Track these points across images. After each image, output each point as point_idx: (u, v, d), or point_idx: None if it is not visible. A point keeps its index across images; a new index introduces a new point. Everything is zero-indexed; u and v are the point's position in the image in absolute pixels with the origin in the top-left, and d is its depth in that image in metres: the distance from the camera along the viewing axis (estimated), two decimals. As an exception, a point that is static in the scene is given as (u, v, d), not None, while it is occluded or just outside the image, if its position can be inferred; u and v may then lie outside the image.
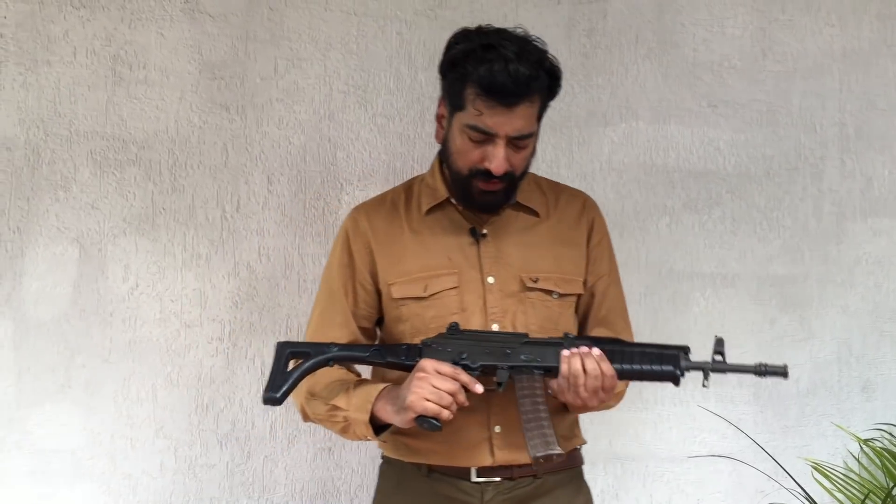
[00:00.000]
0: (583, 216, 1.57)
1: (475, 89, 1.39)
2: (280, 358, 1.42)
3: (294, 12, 1.96)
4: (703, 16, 2.12)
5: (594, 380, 1.36)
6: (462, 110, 1.42)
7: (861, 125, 2.17)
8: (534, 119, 1.44)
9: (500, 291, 1.48)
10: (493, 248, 1.50)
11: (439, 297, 1.47)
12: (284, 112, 1.95)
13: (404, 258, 1.50)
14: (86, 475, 1.86)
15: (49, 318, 1.86)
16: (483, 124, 1.40)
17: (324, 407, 1.47)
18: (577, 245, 1.54)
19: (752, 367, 1.39)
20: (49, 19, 1.87)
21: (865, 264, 2.17)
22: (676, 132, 2.11)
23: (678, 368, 1.38)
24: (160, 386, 1.89)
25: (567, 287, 1.51)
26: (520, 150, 1.44)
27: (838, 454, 2.13)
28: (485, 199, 1.45)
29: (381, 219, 1.53)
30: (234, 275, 1.93)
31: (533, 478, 1.48)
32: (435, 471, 1.47)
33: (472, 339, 1.41)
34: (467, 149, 1.42)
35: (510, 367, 1.39)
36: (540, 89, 1.42)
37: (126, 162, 1.89)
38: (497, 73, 1.36)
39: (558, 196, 1.58)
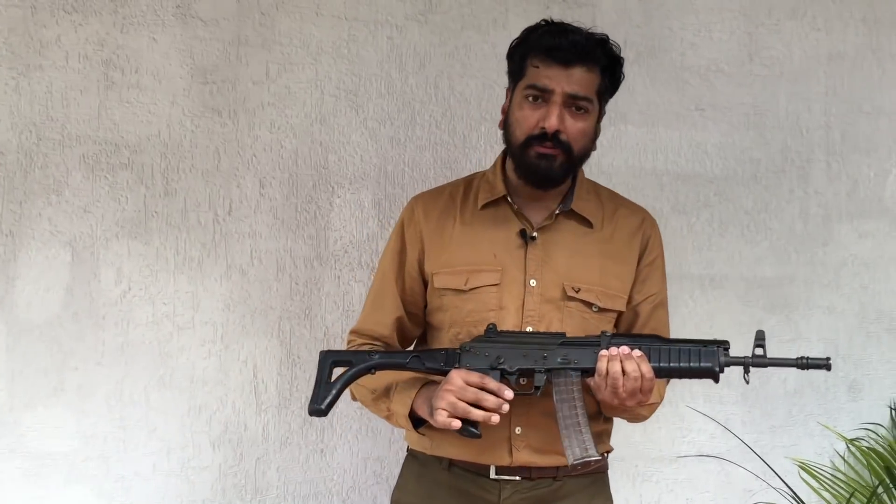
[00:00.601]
0: (638, 233, 1.55)
1: (537, 54, 1.45)
2: (324, 367, 1.45)
3: (285, 17, 1.97)
4: (691, 20, 2.14)
5: (633, 381, 1.34)
6: (523, 77, 1.47)
7: (847, 128, 2.20)
8: (592, 89, 1.46)
9: (540, 296, 1.48)
10: (541, 252, 1.50)
11: (478, 293, 1.48)
12: (276, 116, 1.97)
13: (450, 249, 1.52)
14: (79, 477, 1.87)
15: (42, 322, 1.86)
16: (539, 80, 1.43)
17: (370, 395, 1.51)
18: (626, 261, 1.53)
19: (794, 361, 1.38)
20: (41, 24, 1.88)
21: (851, 266, 2.19)
22: (665, 135, 2.13)
23: (717, 365, 1.37)
24: (153, 388, 1.90)
25: (608, 302, 1.50)
26: (577, 119, 1.45)
27: (825, 453, 2.16)
28: (542, 163, 1.44)
29: (436, 209, 1.55)
30: (227, 278, 1.94)
31: (553, 479, 1.48)
32: (455, 465, 1.49)
33: (509, 342, 1.41)
34: (525, 114, 1.45)
35: (547, 371, 1.39)
36: (598, 61, 1.46)
37: (118, 166, 1.90)
38: (556, 35, 1.45)
39: (616, 209, 1.57)
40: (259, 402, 1.94)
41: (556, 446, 1.43)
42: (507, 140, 1.51)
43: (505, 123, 1.51)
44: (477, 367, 1.40)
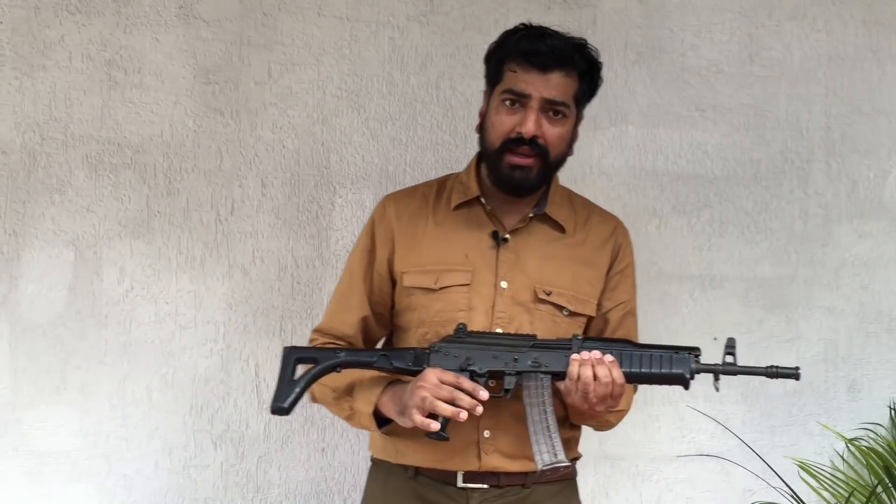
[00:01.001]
0: (610, 241, 1.55)
1: (514, 59, 1.44)
2: (287, 365, 1.42)
3: (288, 18, 1.98)
4: (692, 21, 2.15)
5: (605, 387, 1.34)
6: (500, 82, 1.46)
7: (846, 129, 2.20)
8: (569, 95, 1.45)
9: (510, 298, 1.47)
10: (513, 255, 1.49)
11: (448, 292, 1.47)
12: (278, 116, 1.97)
13: (421, 248, 1.50)
14: (81, 476, 1.88)
15: (45, 321, 1.87)
16: (516, 85, 1.43)
17: (331, 394, 1.48)
18: (597, 267, 1.52)
19: (763, 370, 1.38)
20: (45, 24, 1.89)
21: (851, 266, 2.20)
22: (665, 136, 2.13)
23: (688, 372, 1.36)
24: (155, 387, 1.91)
25: (579, 306, 1.49)
26: (554, 124, 1.44)
27: (825, 453, 2.16)
28: (516, 174, 1.44)
29: (408, 208, 1.54)
30: (229, 277, 1.95)
31: (521, 487, 1.46)
32: (421, 473, 1.46)
33: (479, 343, 1.40)
34: (501, 119, 1.44)
35: (517, 373, 1.38)
36: (576, 66, 1.45)
37: (121, 165, 1.91)
38: (535, 40, 1.44)
39: (589, 216, 1.57)
40: (261, 401, 1.95)
41: (526, 451, 1.42)
42: (482, 144, 1.50)
43: (481, 127, 1.51)
44: (446, 367, 1.38)
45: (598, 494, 2.08)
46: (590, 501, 2.07)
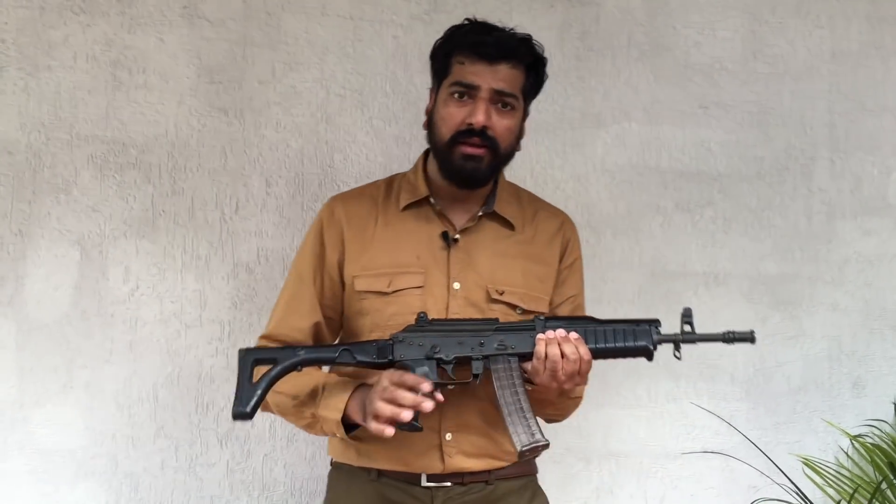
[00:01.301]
0: (558, 236, 1.56)
1: (461, 52, 1.46)
2: (245, 367, 1.37)
3: (291, 17, 1.98)
4: (695, 19, 2.15)
5: (573, 364, 1.34)
6: (448, 76, 1.47)
7: (850, 125, 2.20)
8: (517, 86, 1.46)
9: (464, 298, 1.46)
10: (464, 255, 1.49)
11: (402, 295, 1.45)
12: (282, 115, 1.98)
13: (372, 251, 1.49)
14: (88, 474, 1.89)
15: (51, 320, 1.88)
16: (465, 77, 1.44)
17: (291, 402, 1.44)
18: (547, 263, 1.53)
19: (720, 336, 1.41)
20: (50, 25, 1.89)
21: (855, 263, 2.20)
22: (669, 133, 2.13)
23: (651, 343, 1.40)
24: (161, 386, 1.92)
25: (532, 304, 1.49)
26: (503, 116, 1.45)
27: (829, 450, 2.16)
28: (467, 164, 1.44)
29: (356, 210, 1.52)
30: (234, 276, 1.95)
31: (485, 483, 1.46)
32: (384, 475, 1.46)
33: (442, 330, 1.38)
34: (451, 112, 1.44)
35: (484, 357, 1.37)
36: (522, 58, 1.46)
37: (126, 165, 1.92)
38: (481, 33, 1.46)
39: (537, 211, 1.57)
40: (266, 399, 1.95)
41: (489, 449, 1.43)
42: (431, 140, 1.50)
43: (429, 123, 1.50)
44: (411, 357, 1.36)
45: (603, 491, 2.08)
46: (594, 498, 2.08)
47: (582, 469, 2.08)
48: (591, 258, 2.08)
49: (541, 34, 2.07)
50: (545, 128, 2.08)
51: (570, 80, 2.09)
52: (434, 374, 1.36)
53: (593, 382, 2.03)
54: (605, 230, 2.10)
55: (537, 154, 2.08)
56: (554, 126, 2.09)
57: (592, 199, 2.10)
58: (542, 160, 2.08)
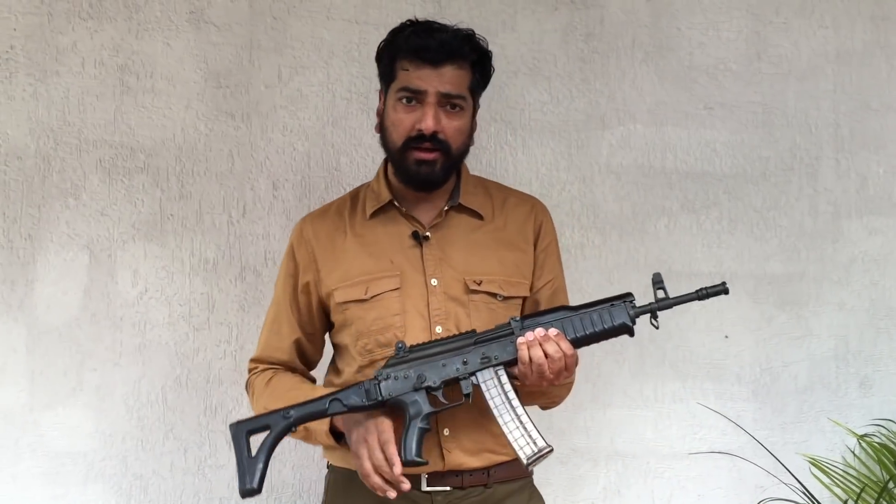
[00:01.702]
0: (530, 220, 1.56)
1: (405, 56, 1.46)
2: (240, 441, 1.38)
3: (297, 21, 2.00)
4: (699, 20, 2.15)
5: (558, 362, 1.34)
6: (394, 80, 1.47)
7: (855, 125, 2.20)
8: (464, 86, 1.47)
9: (443, 294, 1.47)
10: (437, 251, 1.50)
11: (380, 299, 1.46)
12: (288, 119, 1.99)
13: (346, 263, 1.51)
14: (98, 476, 1.90)
15: (60, 323, 1.90)
16: (411, 83, 1.44)
17: None
18: (522, 248, 1.54)
19: (694, 294, 1.42)
20: (58, 31, 1.91)
21: (861, 262, 2.20)
22: (673, 134, 2.14)
23: (629, 319, 1.39)
24: (170, 388, 1.93)
25: (512, 290, 1.50)
26: (452, 118, 1.46)
27: (836, 450, 2.16)
28: (421, 169, 1.45)
29: (324, 227, 1.55)
30: (241, 279, 1.97)
31: (483, 487, 1.46)
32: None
33: (424, 356, 1.38)
34: (400, 118, 1.45)
35: (471, 374, 1.37)
36: (466, 57, 1.47)
37: (134, 169, 1.94)
38: (423, 36, 1.45)
39: (506, 199, 1.58)
40: (274, 401, 1.96)
41: (488, 444, 1.44)
42: (384, 144, 1.51)
43: (381, 128, 1.52)
44: (400, 392, 1.37)
45: (610, 492, 2.09)
46: (601, 499, 2.09)
47: (589, 470, 2.08)
48: (596, 259, 2.10)
49: (545, 36, 2.10)
50: (550, 130, 2.09)
51: (575, 82, 2.10)
52: (426, 403, 1.38)
53: (600, 383, 2.06)
54: (611, 231, 2.11)
55: (542, 156, 2.09)
56: (559, 128, 2.09)
57: (598, 201, 2.11)
58: (548, 162, 2.09)
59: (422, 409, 1.37)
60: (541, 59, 2.09)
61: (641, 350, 2.09)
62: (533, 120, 2.08)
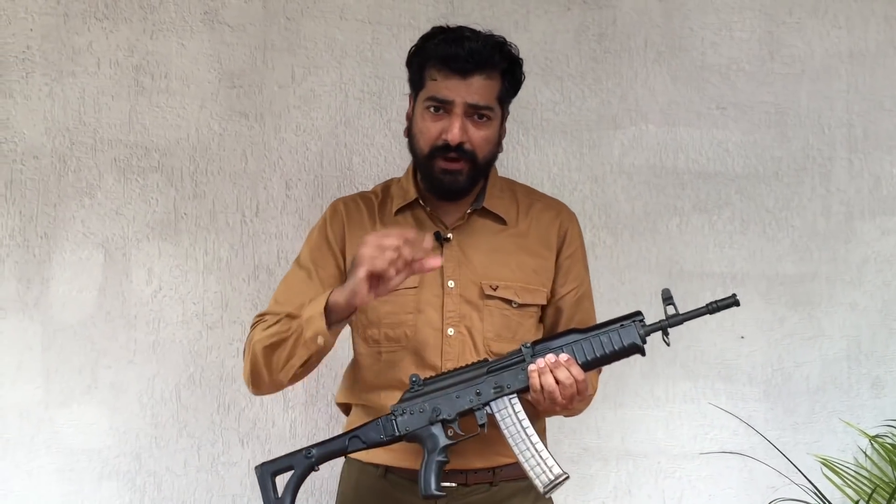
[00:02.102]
0: (554, 226, 1.56)
1: (434, 65, 1.45)
2: (266, 482, 1.39)
3: (310, 21, 2.01)
4: (711, 20, 2.15)
5: (570, 387, 1.35)
6: (423, 88, 1.47)
7: (869, 125, 2.20)
8: (492, 97, 1.46)
9: (459, 297, 1.48)
10: (457, 253, 1.50)
11: (396, 295, 1.44)
12: (301, 119, 2.00)
13: None
14: (112, 473, 1.92)
15: (76, 321, 1.91)
16: (439, 92, 1.43)
17: (276, 328, 1.40)
18: (543, 255, 1.53)
19: (705, 309, 1.41)
20: (74, 31, 1.93)
21: (874, 263, 2.19)
22: (686, 134, 2.14)
23: (640, 339, 1.39)
24: (183, 386, 1.95)
25: (528, 297, 1.50)
26: (479, 128, 1.45)
27: (849, 450, 2.15)
28: (446, 178, 1.46)
29: (357, 211, 1.55)
30: (254, 278, 1.98)
31: (489, 485, 1.47)
32: (391, 472, 1.47)
33: (438, 389, 1.39)
34: (427, 126, 1.45)
35: (484, 405, 1.38)
36: (496, 66, 1.45)
37: (149, 169, 1.95)
38: (453, 45, 1.44)
39: (532, 204, 1.58)
40: (286, 399, 1.98)
41: (493, 446, 1.43)
42: (411, 150, 1.51)
43: (409, 133, 1.52)
44: (416, 426, 1.38)
45: (621, 492, 2.09)
46: (612, 499, 2.09)
47: (600, 469, 2.08)
48: (608, 259, 2.10)
49: (557, 37, 2.10)
50: (562, 130, 2.09)
51: (587, 82, 2.10)
52: (443, 436, 1.38)
53: (611, 382, 2.06)
54: (623, 231, 2.11)
55: (554, 156, 2.09)
56: (571, 128, 2.10)
57: (610, 201, 2.11)
58: (560, 162, 2.09)
59: (438, 443, 1.37)
60: (553, 59, 2.09)
61: (652, 350, 2.05)
62: (545, 120, 2.09)
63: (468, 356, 1.46)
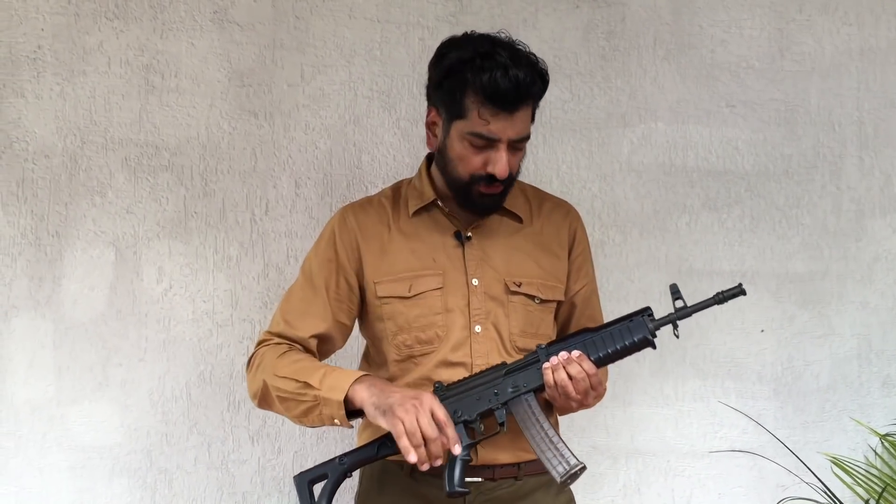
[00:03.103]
0: (565, 226, 1.60)
1: (478, 97, 1.41)
2: (303, 491, 1.43)
3: (319, 20, 2.01)
4: (721, 17, 2.15)
5: (582, 382, 1.39)
6: (462, 118, 1.44)
7: (879, 123, 2.19)
8: (529, 122, 1.48)
9: (484, 294, 1.50)
10: (479, 251, 1.53)
11: (423, 297, 1.49)
12: (311, 117, 2.01)
13: (390, 257, 1.52)
14: (123, 470, 1.93)
15: (87, 319, 1.92)
16: (488, 132, 1.43)
17: (293, 384, 1.42)
18: (558, 254, 1.58)
19: (713, 299, 1.45)
20: (84, 31, 1.94)
21: (885, 261, 2.18)
22: (695, 132, 2.13)
23: (649, 333, 1.42)
24: (194, 384, 1.95)
25: (549, 293, 1.54)
26: (517, 153, 1.48)
27: (859, 449, 2.15)
28: (485, 201, 1.49)
29: (369, 218, 1.55)
30: (264, 276, 1.98)
31: (514, 479, 1.50)
32: (416, 469, 1.45)
33: (459, 393, 1.43)
34: (469, 155, 1.45)
35: (503, 405, 1.42)
36: (537, 95, 1.47)
37: (159, 168, 1.96)
38: (499, 80, 1.39)
39: (542, 203, 1.61)
40: (296, 397, 1.98)
41: (518, 442, 1.46)
42: (444, 169, 1.50)
43: (441, 152, 1.49)
44: None
45: (630, 490, 2.09)
46: (621, 497, 2.09)
47: (609, 468, 2.08)
48: (617, 257, 2.10)
49: (566, 34, 2.10)
50: (571, 128, 2.09)
51: (596, 80, 2.10)
52: (465, 436, 1.42)
53: (620, 381, 2.06)
54: (632, 229, 2.11)
55: (563, 154, 2.09)
56: (580, 126, 2.09)
57: (619, 199, 2.11)
58: (569, 160, 2.09)
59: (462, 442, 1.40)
60: (562, 56, 2.09)
61: (662, 348, 2.06)
62: (554, 118, 2.09)
63: (496, 353, 1.49)
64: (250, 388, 1.52)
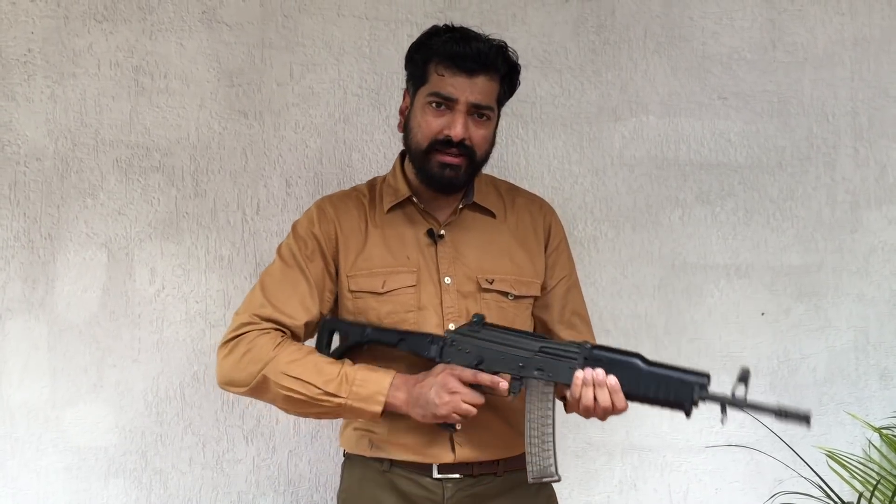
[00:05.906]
0: (539, 219, 1.60)
1: (438, 60, 1.46)
2: (322, 333, 1.51)
3: (308, 19, 2.01)
4: (712, 8, 2.13)
5: (604, 410, 1.37)
6: (425, 83, 1.48)
7: (874, 113, 2.17)
8: (493, 97, 1.49)
9: (456, 292, 1.51)
10: (451, 249, 1.53)
11: (396, 294, 1.50)
12: (301, 116, 2.01)
13: (365, 252, 1.52)
14: (118, 471, 1.93)
15: (80, 321, 1.93)
16: (444, 89, 1.45)
17: (313, 390, 1.42)
18: (533, 248, 1.58)
19: (774, 409, 1.33)
20: (74, 33, 1.94)
21: (881, 252, 2.17)
22: (687, 125, 2.12)
23: (690, 402, 1.33)
24: (187, 384, 1.96)
25: (523, 289, 1.54)
26: (479, 126, 1.48)
27: (857, 443, 2.13)
28: (445, 172, 1.47)
29: (346, 211, 1.56)
30: (256, 275, 1.98)
31: (494, 475, 1.50)
32: (396, 466, 1.49)
33: (491, 340, 1.42)
34: (428, 121, 1.47)
35: (522, 378, 1.41)
36: (498, 69, 1.48)
37: (150, 169, 1.96)
38: (459, 42, 1.46)
39: (515, 199, 1.61)
40: (290, 396, 1.98)
41: (497, 440, 1.46)
42: (407, 144, 1.52)
43: (405, 127, 1.53)
44: (457, 363, 1.42)
45: (626, 485, 2.08)
46: (618, 492, 2.08)
47: (605, 463, 2.08)
48: (610, 252, 2.09)
49: (556, 28, 2.09)
50: (562, 123, 2.08)
51: (587, 73, 2.09)
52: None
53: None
54: (625, 224, 2.10)
55: (554, 149, 2.08)
56: (571, 120, 2.09)
57: (611, 193, 2.10)
58: (560, 155, 2.08)
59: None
60: (552, 51, 2.08)
61: (657, 343, 2.08)
62: (544, 113, 2.08)
63: None
64: (234, 374, 1.47)
